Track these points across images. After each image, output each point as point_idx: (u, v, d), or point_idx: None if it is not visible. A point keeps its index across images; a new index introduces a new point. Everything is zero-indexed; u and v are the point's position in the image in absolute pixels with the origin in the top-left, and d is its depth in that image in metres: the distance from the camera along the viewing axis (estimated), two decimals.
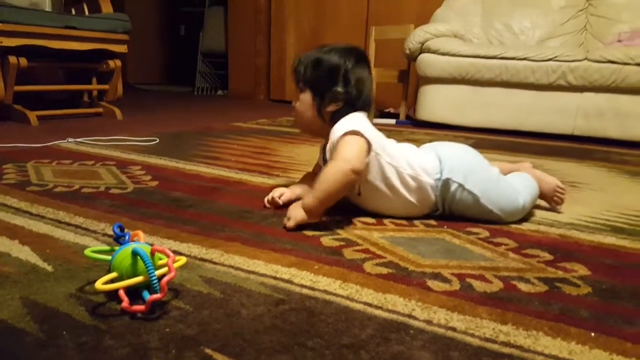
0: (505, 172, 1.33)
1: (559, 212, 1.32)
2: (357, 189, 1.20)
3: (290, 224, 1.10)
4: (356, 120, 1.17)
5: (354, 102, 1.20)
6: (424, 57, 3.31)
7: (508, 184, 1.24)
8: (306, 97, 1.22)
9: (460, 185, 1.18)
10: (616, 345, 0.68)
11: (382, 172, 1.17)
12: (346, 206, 1.27)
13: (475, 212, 1.20)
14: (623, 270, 0.95)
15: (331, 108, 1.20)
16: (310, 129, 1.29)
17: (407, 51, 3.41)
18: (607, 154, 2.50)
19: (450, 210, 1.22)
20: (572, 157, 2.32)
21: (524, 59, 3.02)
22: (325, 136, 1.23)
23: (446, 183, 1.18)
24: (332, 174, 1.10)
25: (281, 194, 1.30)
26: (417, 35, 3.34)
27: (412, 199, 1.19)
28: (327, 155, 1.21)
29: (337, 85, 1.18)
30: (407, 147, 1.26)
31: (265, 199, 1.30)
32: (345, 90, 1.18)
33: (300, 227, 1.11)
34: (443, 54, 3.22)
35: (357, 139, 1.13)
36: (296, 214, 1.11)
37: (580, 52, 2.94)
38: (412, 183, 1.18)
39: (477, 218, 1.21)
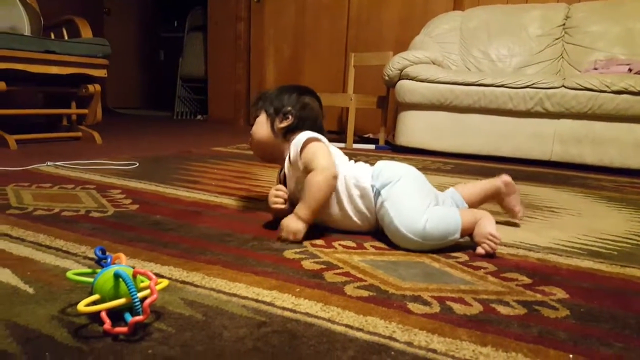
0: (474, 197, 1.45)
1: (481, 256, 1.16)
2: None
3: (299, 236, 1.18)
4: (311, 132, 1.31)
5: (303, 120, 1.35)
6: (402, 84, 3.34)
7: (419, 202, 1.21)
8: (260, 118, 1.39)
9: (377, 190, 1.23)
10: None
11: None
12: (326, 230, 1.28)
13: (386, 224, 1.20)
14: (600, 294, 0.97)
15: (283, 124, 1.35)
16: (264, 148, 1.40)
17: (386, 77, 3.45)
18: (584, 179, 2.55)
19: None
20: (550, 183, 2.36)
21: (502, 85, 3.06)
22: (279, 156, 1.36)
23: (371, 189, 1.25)
24: (316, 184, 1.20)
25: (284, 192, 1.29)
26: (396, 62, 3.38)
27: (359, 203, 1.26)
28: (287, 170, 1.31)
29: (286, 105, 1.36)
30: (352, 162, 1.35)
31: (274, 196, 1.29)
32: (294, 108, 1.35)
33: (280, 249, 1.12)
34: (422, 80, 3.26)
35: (321, 144, 1.27)
36: (295, 225, 1.18)
37: (557, 79, 2.98)
38: (355, 191, 1.26)
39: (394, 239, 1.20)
